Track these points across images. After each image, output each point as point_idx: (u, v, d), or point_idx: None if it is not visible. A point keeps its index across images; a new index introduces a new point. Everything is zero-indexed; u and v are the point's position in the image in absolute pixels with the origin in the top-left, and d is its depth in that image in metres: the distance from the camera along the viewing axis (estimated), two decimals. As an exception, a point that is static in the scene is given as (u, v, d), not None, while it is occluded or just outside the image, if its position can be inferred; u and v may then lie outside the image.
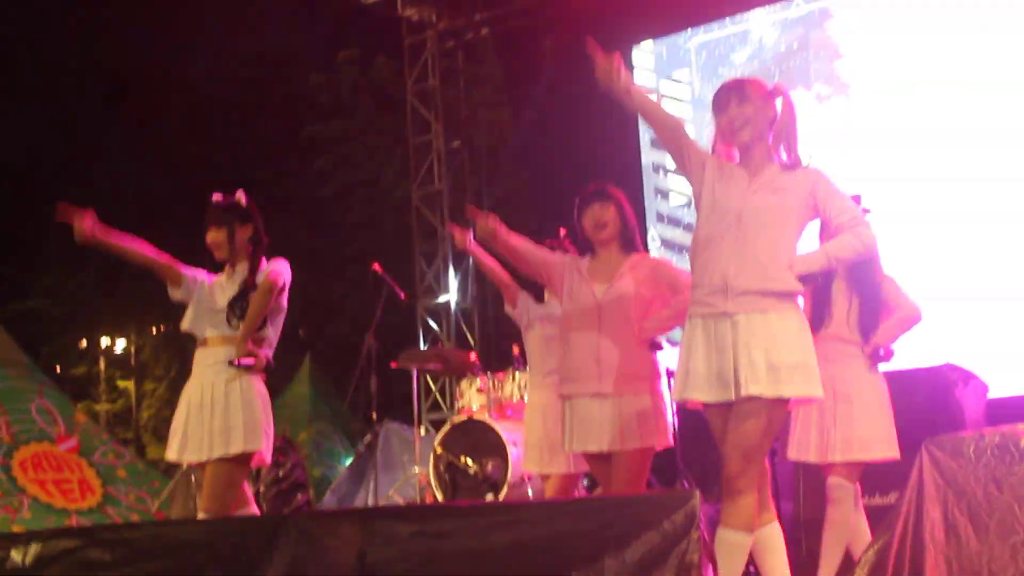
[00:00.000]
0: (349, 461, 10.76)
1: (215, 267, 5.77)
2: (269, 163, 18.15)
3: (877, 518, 4.20)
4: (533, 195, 14.32)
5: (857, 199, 5.16)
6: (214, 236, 5.69)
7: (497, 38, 14.56)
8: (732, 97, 4.37)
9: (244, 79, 17.61)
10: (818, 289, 5.39)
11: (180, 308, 6.16)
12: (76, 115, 16.30)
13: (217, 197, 5.78)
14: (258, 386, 5.56)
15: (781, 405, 4.19)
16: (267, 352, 5.57)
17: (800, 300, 4.33)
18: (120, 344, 26.28)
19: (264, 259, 5.67)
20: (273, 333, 5.63)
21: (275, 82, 18.15)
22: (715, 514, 7.35)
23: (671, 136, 4.54)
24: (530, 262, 5.42)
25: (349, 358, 9.58)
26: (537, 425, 6.35)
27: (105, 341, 25.95)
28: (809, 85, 10.89)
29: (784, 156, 4.38)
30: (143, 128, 16.79)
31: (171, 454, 5.51)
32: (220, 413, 5.42)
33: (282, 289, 5.55)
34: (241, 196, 5.76)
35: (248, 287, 5.56)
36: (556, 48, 12.79)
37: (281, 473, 9.06)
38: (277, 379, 14.29)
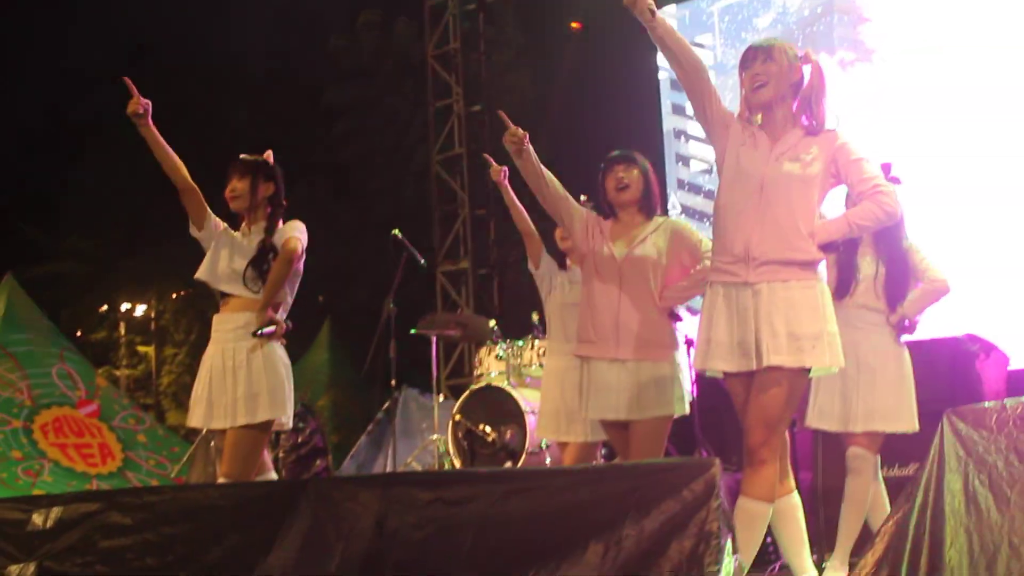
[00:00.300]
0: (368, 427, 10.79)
1: (230, 222, 5.72)
2: (290, 127, 18.12)
3: (897, 490, 4.17)
4: (554, 160, 14.26)
5: (887, 167, 5.12)
6: (235, 186, 5.68)
7: (519, 1, 14.50)
8: (759, 55, 4.36)
9: (265, 41, 17.58)
10: (842, 256, 5.36)
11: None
12: (98, 77, 16.28)
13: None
14: (280, 352, 5.57)
15: (802, 375, 4.20)
16: (283, 316, 5.56)
17: (823, 267, 4.31)
18: (140, 309, 26.35)
19: (281, 222, 5.65)
20: (290, 296, 5.63)
21: (296, 44, 18.10)
22: (734, 483, 7.35)
23: (693, 78, 4.52)
24: (553, 193, 5.38)
25: (368, 324, 9.56)
26: (554, 393, 6.32)
27: (125, 306, 26.04)
28: (833, 51, 10.81)
29: (806, 121, 4.35)
30: (165, 91, 16.80)
31: (195, 421, 5.51)
32: (244, 380, 5.40)
33: (301, 255, 5.51)
34: (269, 155, 5.79)
35: (267, 249, 5.53)
36: (578, 13, 12.72)
37: (300, 439, 9.08)
38: (296, 345, 14.29)
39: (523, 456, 8.22)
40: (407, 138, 18.53)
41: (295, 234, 5.52)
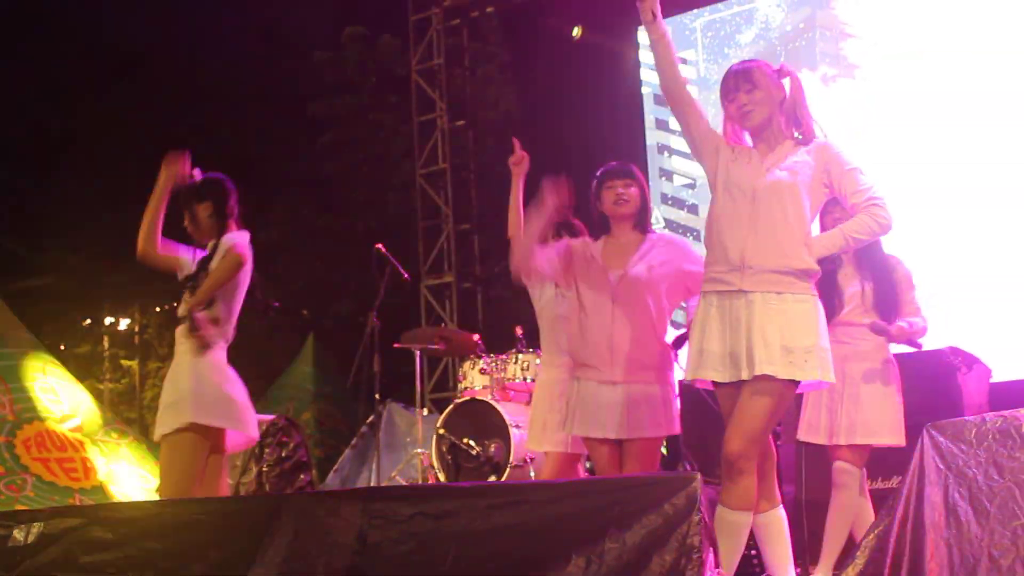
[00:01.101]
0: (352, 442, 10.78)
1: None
2: (274, 140, 18.13)
3: (880, 502, 4.19)
4: (537, 175, 14.29)
5: None
6: (186, 224, 5.65)
7: (502, 16, 14.53)
8: (740, 84, 4.37)
9: (250, 54, 17.58)
10: (823, 277, 5.38)
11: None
12: (79, 89, 16.27)
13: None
14: (212, 358, 5.34)
15: (791, 388, 4.21)
16: (215, 330, 5.36)
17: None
18: (124, 323, 26.29)
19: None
20: (225, 311, 5.45)
21: (281, 58, 18.11)
22: (717, 496, 7.35)
23: (677, 96, 4.59)
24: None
25: (352, 338, 9.57)
26: (543, 405, 6.33)
27: (109, 320, 25.97)
28: (815, 66, 10.85)
29: (795, 133, 4.38)
30: (147, 103, 16.76)
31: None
32: (167, 390, 5.32)
33: (244, 262, 5.38)
34: (196, 173, 5.66)
35: (204, 263, 5.44)
36: (563, 28, 12.75)
37: (284, 453, 9.05)
38: (280, 359, 14.33)
39: (507, 470, 8.22)
40: (391, 153, 18.56)
41: (237, 239, 5.38)
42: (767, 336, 4.13)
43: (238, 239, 5.40)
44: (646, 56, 12.12)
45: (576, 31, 8.21)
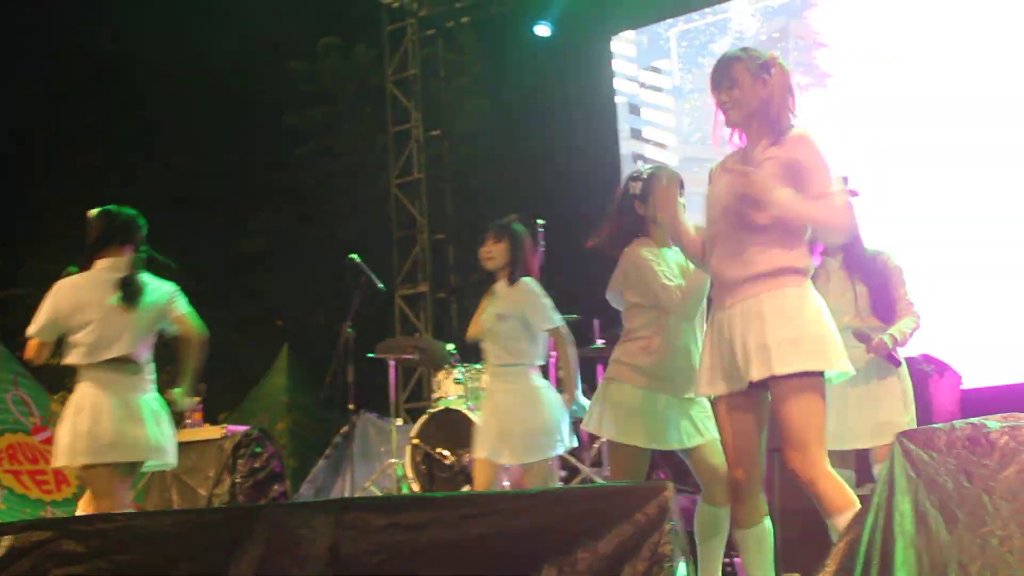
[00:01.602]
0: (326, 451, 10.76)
1: None
2: (252, 150, 18.08)
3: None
4: (511, 185, 14.30)
5: (843, 180, 5.15)
6: None
7: (477, 27, 14.55)
8: (723, 80, 4.37)
9: (226, 65, 17.54)
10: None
11: None
12: (59, 100, 16.22)
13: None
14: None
15: (804, 381, 4.08)
16: None
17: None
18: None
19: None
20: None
21: (259, 67, 18.08)
22: (690, 504, 7.36)
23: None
24: None
25: (327, 348, 9.55)
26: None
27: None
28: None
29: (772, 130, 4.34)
30: (127, 114, 16.72)
31: None
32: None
33: None
34: (90, 214, 6.16)
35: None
36: (537, 38, 12.77)
37: (257, 464, 9.04)
38: (255, 370, 14.29)
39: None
40: (367, 163, 18.52)
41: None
42: (747, 343, 4.11)
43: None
44: (620, 66, 12.16)
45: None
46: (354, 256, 8.57)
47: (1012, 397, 7.19)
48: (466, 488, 8.18)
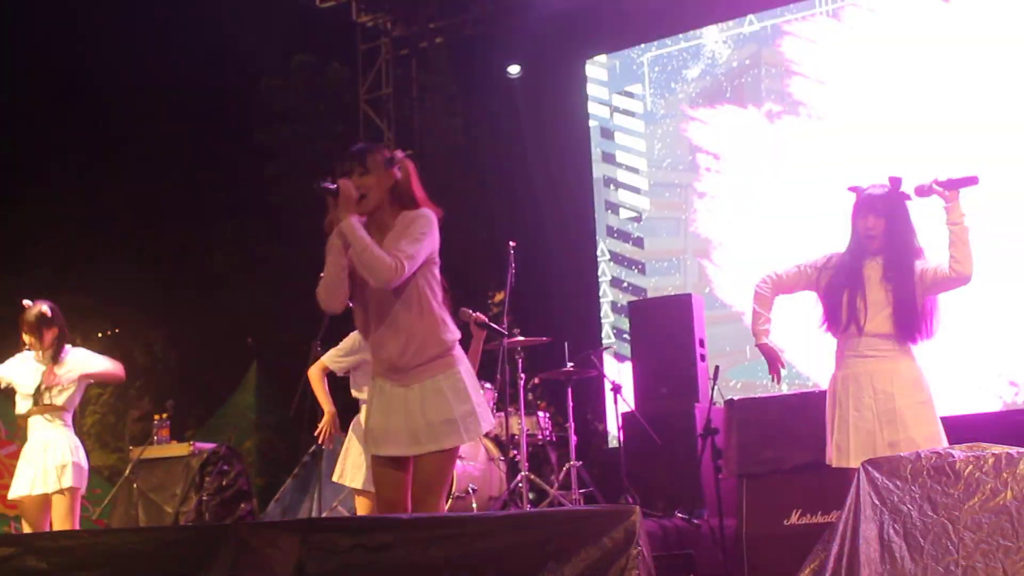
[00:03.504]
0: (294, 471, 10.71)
1: None
2: (222, 166, 18.04)
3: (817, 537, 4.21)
4: (484, 206, 14.31)
5: (896, 181, 5.33)
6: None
7: (451, 47, 14.59)
8: (355, 166, 4.68)
9: (197, 79, 17.51)
10: (830, 293, 5.25)
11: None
12: (28, 114, 16.15)
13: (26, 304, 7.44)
14: None
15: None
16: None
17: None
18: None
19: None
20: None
21: (228, 84, 18.04)
22: (659, 529, 7.39)
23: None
24: None
25: (296, 367, 9.52)
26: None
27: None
28: (760, 102, 10.97)
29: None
30: (95, 128, 16.65)
31: None
32: None
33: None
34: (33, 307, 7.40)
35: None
36: (511, 60, 12.82)
37: (225, 482, 9.01)
38: (223, 387, 14.23)
39: (449, 500, 8.21)
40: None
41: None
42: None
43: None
44: (593, 90, 12.21)
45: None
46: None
47: (977, 426, 7.22)
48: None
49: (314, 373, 7.52)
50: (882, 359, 5.11)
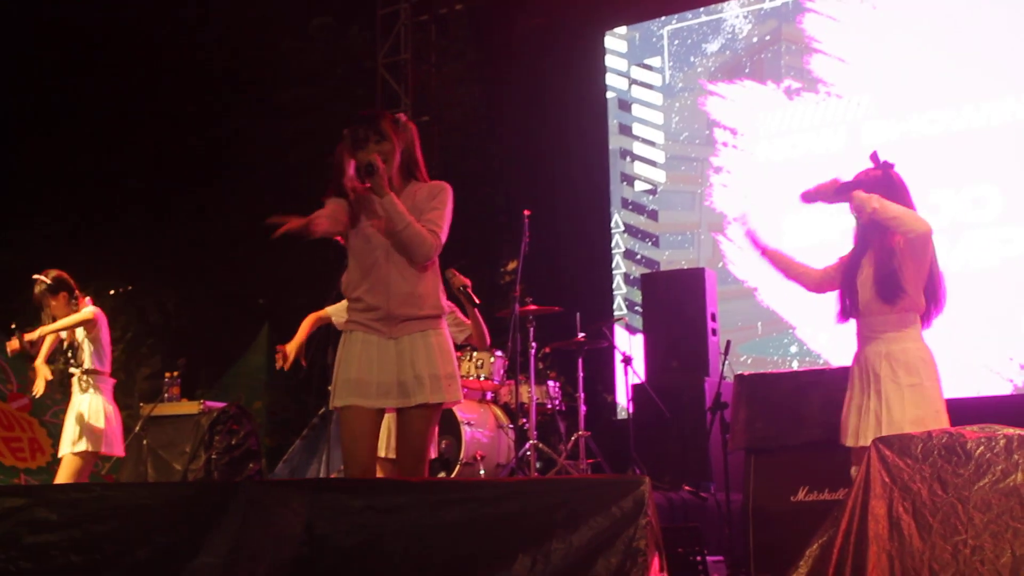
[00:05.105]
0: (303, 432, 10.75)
1: None
2: (239, 127, 18.01)
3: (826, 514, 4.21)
4: (499, 173, 14.29)
5: (874, 157, 5.29)
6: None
7: (471, 14, 14.52)
8: (370, 134, 4.75)
9: (215, 39, 17.47)
10: (845, 278, 5.23)
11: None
12: (41, 70, 16.13)
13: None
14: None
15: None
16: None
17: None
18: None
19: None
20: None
21: (246, 44, 18.00)
22: (665, 501, 7.40)
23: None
24: None
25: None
26: None
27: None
28: (779, 79, 10.93)
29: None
30: (110, 86, 16.62)
31: None
32: None
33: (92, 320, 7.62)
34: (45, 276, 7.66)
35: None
36: (530, 28, 12.76)
37: (234, 441, 9.04)
38: (235, 348, 14.25)
39: (457, 466, 8.24)
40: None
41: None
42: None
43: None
44: (612, 61, 12.17)
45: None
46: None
47: (988, 410, 7.21)
48: (442, 475, 8.20)
49: (310, 317, 7.57)
50: (878, 341, 5.07)
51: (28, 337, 7.51)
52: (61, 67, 16.22)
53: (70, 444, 7.36)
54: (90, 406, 7.39)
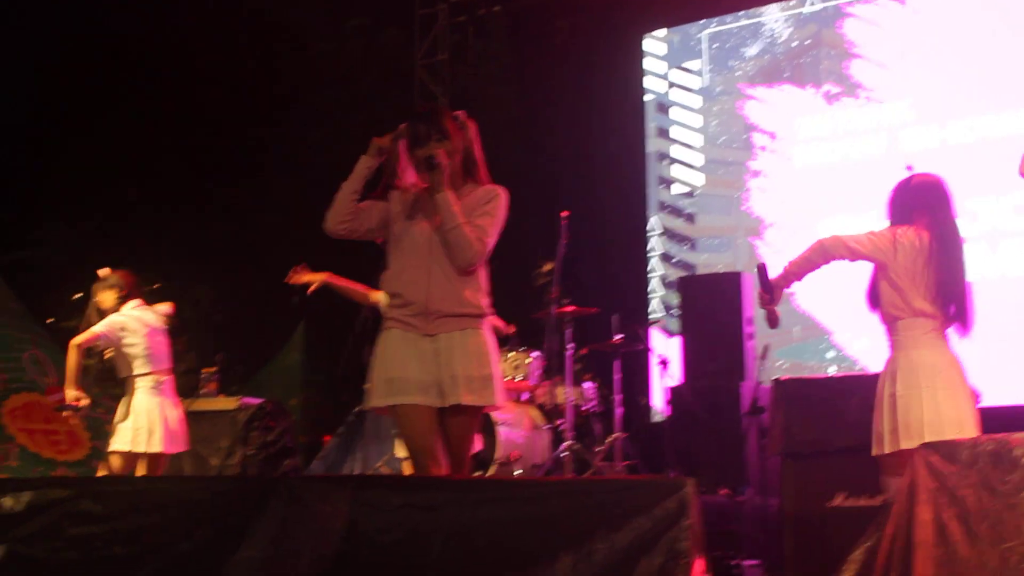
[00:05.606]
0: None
1: None
2: (274, 126, 18.07)
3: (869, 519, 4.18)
4: (537, 176, 14.30)
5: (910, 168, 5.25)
6: None
7: (508, 15, 14.52)
8: (432, 131, 4.67)
9: (248, 39, 17.51)
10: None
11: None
12: (77, 65, 16.21)
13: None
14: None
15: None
16: None
17: None
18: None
19: None
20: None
21: (279, 45, 18.05)
22: (700, 505, 7.37)
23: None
24: None
25: (343, 326, 9.56)
26: None
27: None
28: (819, 83, 10.89)
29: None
30: (144, 85, 16.71)
31: None
32: None
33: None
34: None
35: None
36: (568, 31, 12.75)
37: (270, 438, 9.07)
38: (270, 345, 14.30)
39: (493, 466, 8.25)
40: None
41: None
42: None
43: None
44: (650, 64, 12.16)
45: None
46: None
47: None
48: (477, 474, 8.20)
49: (363, 287, 7.60)
50: (899, 348, 5.05)
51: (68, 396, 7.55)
52: (97, 66, 16.31)
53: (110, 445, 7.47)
54: (122, 407, 7.48)
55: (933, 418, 4.79)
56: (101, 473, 7.38)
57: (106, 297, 7.60)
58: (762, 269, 5.21)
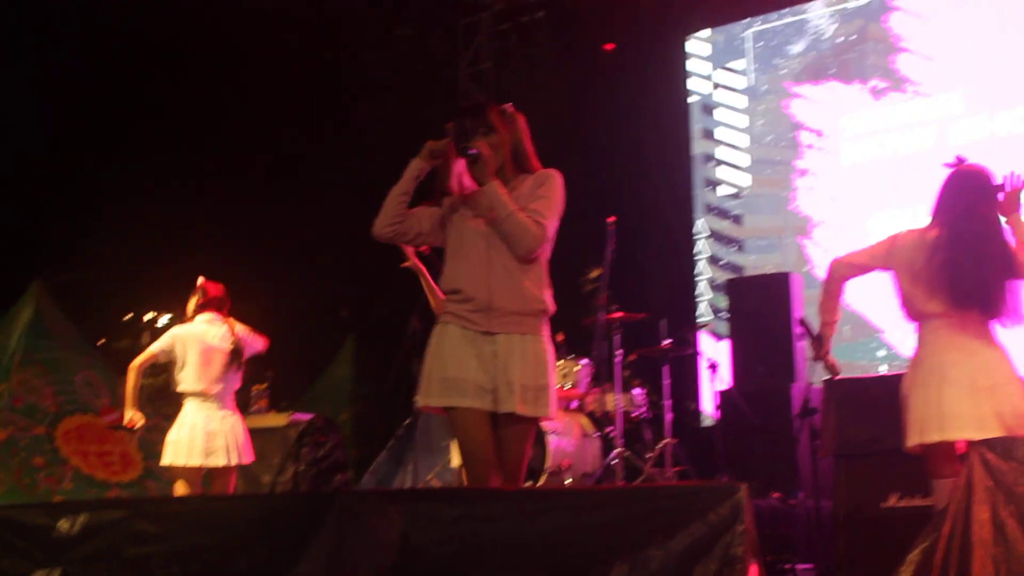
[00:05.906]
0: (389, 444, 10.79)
1: None
2: (319, 138, 18.16)
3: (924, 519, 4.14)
4: (582, 181, 14.29)
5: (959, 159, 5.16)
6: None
7: (551, 21, 14.53)
8: (478, 126, 4.60)
9: (295, 50, 17.60)
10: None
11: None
12: (126, 78, 16.33)
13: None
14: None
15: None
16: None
17: None
18: (164, 319, 26.21)
19: None
20: None
21: (325, 55, 18.14)
22: (753, 509, 7.33)
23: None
24: None
25: (393, 340, 9.58)
26: None
27: (149, 315, 25.86)
28: (866, 79, 10.81)
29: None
30: (189, 98, 16.81)
31: None
32: None
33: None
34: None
35: None
36: (613, 37, 12.74)
37: (321, 453, 9.09)
38: (319, 359, 14.35)
39: (543, 476, 8.23)
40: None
41: None
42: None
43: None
44: (694, 66, 12.12)
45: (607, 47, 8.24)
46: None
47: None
48: (527, 484, 8.19)
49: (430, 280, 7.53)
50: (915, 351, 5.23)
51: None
52: (148, 82, 16.43)
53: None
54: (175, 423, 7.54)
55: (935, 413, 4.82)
56: (153, 492, 7.42)
57: (190, 304, 7.76)
58: (803, 323, 5.26)
